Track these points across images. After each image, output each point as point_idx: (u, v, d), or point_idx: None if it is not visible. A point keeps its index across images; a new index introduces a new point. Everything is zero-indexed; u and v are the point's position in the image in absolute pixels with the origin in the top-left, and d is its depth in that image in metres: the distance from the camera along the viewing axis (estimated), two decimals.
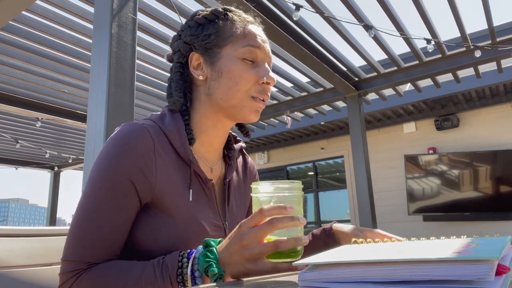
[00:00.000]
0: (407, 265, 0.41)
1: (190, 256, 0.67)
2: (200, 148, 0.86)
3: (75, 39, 3.16)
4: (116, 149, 0.74)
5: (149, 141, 0.75)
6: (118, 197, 0.72)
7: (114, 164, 0.73)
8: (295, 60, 3.69)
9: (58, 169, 7.77)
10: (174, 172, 0.78)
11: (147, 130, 0.76)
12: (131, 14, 1.73)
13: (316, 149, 6.85)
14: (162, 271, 0.67)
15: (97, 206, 0.72)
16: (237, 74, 0.81)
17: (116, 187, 0.72)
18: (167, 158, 0.77)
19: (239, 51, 0.82)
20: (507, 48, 3.43)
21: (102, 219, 0.72)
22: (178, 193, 0.77)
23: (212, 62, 0.83)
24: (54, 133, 5.75)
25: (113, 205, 0.72)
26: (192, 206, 0.78)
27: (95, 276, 0.70)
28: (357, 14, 3.02)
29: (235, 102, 0.82)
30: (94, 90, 1.61)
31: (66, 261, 0.71)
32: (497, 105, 5.33)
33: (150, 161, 0.74)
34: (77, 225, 0.72)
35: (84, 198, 0.74)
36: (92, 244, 0.71)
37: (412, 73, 3.97)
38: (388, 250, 0.52)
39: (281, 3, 2.84)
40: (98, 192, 0.72)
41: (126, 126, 0.77)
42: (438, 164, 5.49)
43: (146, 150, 0.74)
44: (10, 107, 4.26)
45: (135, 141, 0.74)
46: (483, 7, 3.00)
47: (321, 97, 4.56)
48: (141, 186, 0.73)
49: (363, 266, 0.43)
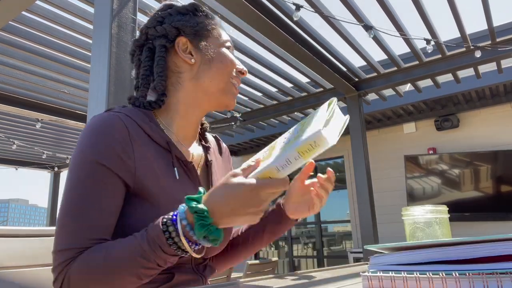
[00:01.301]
0: (488, 244, 0.41)
1: (175, 222, 0.66)
2: (178, 133, 0.88)
3: (75, 39, 3.16)
4: (92, 138, 0.74)
5: (123, 128, 0.76)
6: (100, 181, 0.72)
7: (91, 151, 0.73)
8: (295, 60, 3.68)
9: (58, 169, 7.76)
10: (154, 158, 0.78)
11: (120, 118, 0.77)
12: (131, 14, 1.73)
13: None
14: (150, 245, 0.66)
15: (80, 193, 0.72)
16: (228, 59, 0.90)
17: (96, 172, 0.72)
18: (144, 145, 0.78)
19: (222, 40, 0.91)
20: (507, 48, 3.43)
21: (88, 205, 0.71)
22: (160, 177, 0.78)
23: (201, 48, 0.88)
24: (53, 134, 5.75)
25: (97, 189, 0.72)
26: (176, 189, 0.79)
27: (82, 259, 0.69)
28: (357, 14, 3.02)
29: (223, 86, 0.88)
30: (94, 90, 1.61)
31: (58, 252, 0.70)
32: (497, 105, 5.32)
33: (127, 146, 0.75)
34: (63, 215, 0.72)
35: (67, 189, 0.74)
36: (80, 229, 0.70)
37: (412, 73, 3.97)
38: None
39: (281, 3, 2.84)
40: (79, 180, 0.72)
41: (98, 116, 0.78)
42: (438, 164, 5.49)
43: (122, 136, 0.75)
44: (10, 108, 4.26)
45: (110, 128, 0.75)
46: (483, 7, 3.00)
47: (321, 98, 4.56)
48: (121, 171, 0.74)
49: (440, 248, 0.44)
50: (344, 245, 6.74)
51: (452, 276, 0.39)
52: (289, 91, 4.55)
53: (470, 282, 0.39)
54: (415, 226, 0.74)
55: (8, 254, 0.90)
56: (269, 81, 4.20)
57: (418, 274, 0.41)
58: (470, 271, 0.39)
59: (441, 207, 0.77)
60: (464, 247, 0.42)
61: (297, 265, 7.11)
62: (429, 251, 0.44)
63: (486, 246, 0.41)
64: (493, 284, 0.38)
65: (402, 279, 0.42)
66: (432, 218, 0.75)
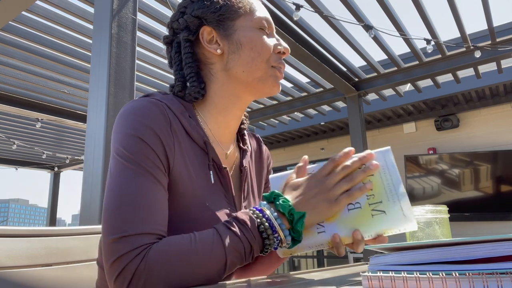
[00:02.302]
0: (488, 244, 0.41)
1: (261, 210, 0.67)
2: (216, 130, 0.81)
3: (75, 39, 3.16)
4: (138, 120, 0.67)
5: (166, 117, 0.70)
6: (149, 167, 0.66)
7: (139, 125, 0.67)
8: (295, 61, 3.69)
9: (58, 169, 7.76)
10: (188, 153, 0.72)
11: (162, 105, 0.70)
12: (131, 14, 1.73)
13: (316, 149, 6.84)
14: (240, 228, 0.64)
15: (131, 172, 0.65)
16: (259, 44, 0.79)
17: (146, 156, 0.66)
18: (183, 140, 0.72)
19: (254, 21, 0.80)
20: (507, 48, 3.43)
21: (141, 184, 0.65)
22: (194, 178, 0.72)
23: (227, 34, 0.79)
24: (53, 134, 5.75)
25: (149, 165, 0.66)
26: (209, 193, 0.73)
27: (166, 243, 0.62)
28: (357, 14, 3.02)
29: (260, 74, 0.79)
30: (94, 90, 1.61)
31: (120, 240, 0.61)
32: (497, 105, 5.32)
33: (169, 138, 0.69)
34: (116, 199, 0.64)
35: (114, 170, 0.67)
36: (149, 213, 0.63)
37: (412, 73, 3.97)
38: None
39: (281, 3, 2.84)
40: (129, 167, 0.65)
41: (139, 100, 0.71)
42: (438, 164, 5.49)
43: (165, 125, 0.69)
44: (10, 108, 4.26)
45: (154, 113, 0.68)
46: (483, 7, 3.00)
47: (321, 98, 4.56)
48: (163, 160, 0.68)
49: (440, 248, 0.44)
50: None
51: (452, 276, 0.39)
52: (289, 91, 4.55)
53: (470, 282, 0.39)
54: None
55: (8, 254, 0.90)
56: None
57: (418, 274, 0.41)
58: (470, 271, 0.39)
59: (441, 207, 0.77)
60: (464, 247, 0.42)
61: (297, 265, 7.11)
62: (429, 251, 0.44)
63: (486, 246, 0.41)
64: (493, 284, 0.38)
65: (402, 279, 0.42)
66: (432, 218, 0.74)
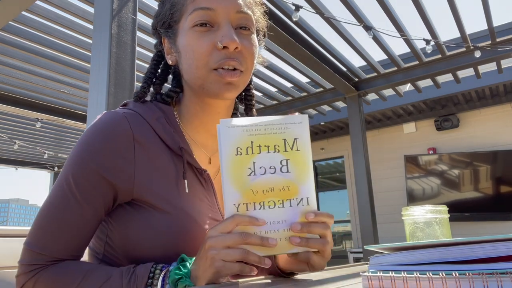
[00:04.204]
0: (488, 244, 0.41)
1: (164, 269, 0.64)
2: (196, 134, 0.80)
3: (75, 39, 3.16)
4: (91, 139, 0.69)
5: (127, 130, 0.69)
6: (87, 189, 0.67)
7: (86, 154, 0.68)
8: (295, 61, 3.69)
9: (58, 169, 7.75)
10: (162, 163, 0.71)
11: (126, 119, 0.70)
12: (131, 15, 1.73)
13: (316, 149, 6.84)
14: (130, 281, 0.63)
15: (64, 195, 0.67)
16: (190, 47, 0.70)
17: (87, 178, 0.67)
18: (152, 148, 0.71)
19: (188, 19, 0.71)
20: (507, 48, 3.43)
21: (68, 211, 0.67)
22: (167, 186, 0.70)
23: (174, 41, 0.76)
24: (53, 134, 5.75)
25: (82, 197, 0.67)
26: (185, 200, 0.71)
27: (54, 273, 0.66)
28: (357, 15, 3.02)
29: (200, 82, 0.72)
30: (94, 90, 1.61)
31: (28, 251, 0.67)
32: (497, 105, 5.33)
33: (127, 152, 0.68)
34: (42, 214, 0.68)
35: (54, 187, 0.70)
36: (56, 236, 0.67)
37: (412, 73, 3.97)
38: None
39: (281, 4, 2.84)
40: (67, 182, 0.68)
41: (104, 115, 0.72)
42: (438, 164, 5.49)
43: (123, 140, 0.68)
44: (10, 108, 4.26)
45: (110, 130, 0.69)
46: (483, 7, 3.00)
47: (321, 98, 4.56)
48: (116, 178, 0.68)
49: (440, 248, 0.44)
50: (344, 245, 6.74)
51: (452, 276, 0.40)
52: (289, 91, 4.55)
53: (470, 282, 0.39)
54: (415, 226, 0.74)
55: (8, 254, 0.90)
56: (269, 81, 4.20)
57: (418, 274, 0.41)
58: (470, 271, 0.39)
59: (441, 207, 0.77)
60: (464, 247, 0.42)
61: None
62: (429, 251, 0.44)
63: (486, 246, 0.41)
64: (493, 284, 0.38)
65: (402, 279, 0.42)
66: (432, 218, 0.75)
